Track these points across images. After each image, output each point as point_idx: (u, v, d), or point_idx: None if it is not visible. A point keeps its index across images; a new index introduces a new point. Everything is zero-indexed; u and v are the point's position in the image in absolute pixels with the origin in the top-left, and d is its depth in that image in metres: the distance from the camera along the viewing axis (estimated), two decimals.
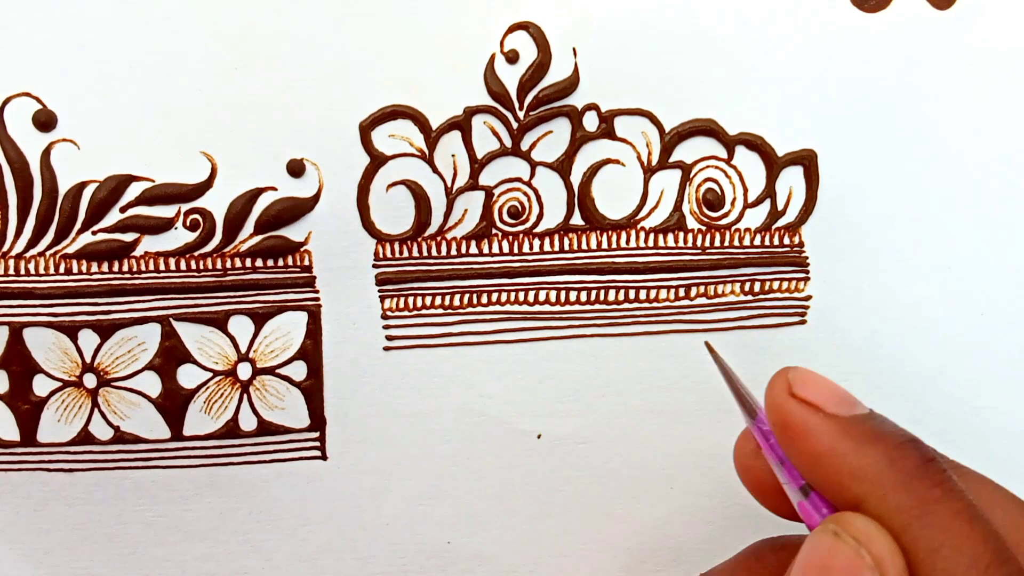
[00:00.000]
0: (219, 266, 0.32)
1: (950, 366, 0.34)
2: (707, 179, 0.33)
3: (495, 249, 0.33)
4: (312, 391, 0.33)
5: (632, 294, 0.33)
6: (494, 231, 0.32)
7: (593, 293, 0.33)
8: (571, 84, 0.32)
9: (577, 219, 0.33)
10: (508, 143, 0.32)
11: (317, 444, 0.33)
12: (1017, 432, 0.34)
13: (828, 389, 0.24)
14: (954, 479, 0.22)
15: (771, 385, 0.24)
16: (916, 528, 0.21)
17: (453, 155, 0.32)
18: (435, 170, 0.32)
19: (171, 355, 0.32)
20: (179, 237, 0.32)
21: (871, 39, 0.32)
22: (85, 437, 0.32)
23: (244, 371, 0.32)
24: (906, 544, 0.21)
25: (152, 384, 0.32)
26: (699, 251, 0.33)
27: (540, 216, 0.32)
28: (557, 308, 0.33)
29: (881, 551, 0.21)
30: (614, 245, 0.33)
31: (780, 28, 0.32)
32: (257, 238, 0.32)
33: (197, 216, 0.31)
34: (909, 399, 0.34)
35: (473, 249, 0.32)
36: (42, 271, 0.31)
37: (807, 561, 0.22)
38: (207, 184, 0.31)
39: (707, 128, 0.32)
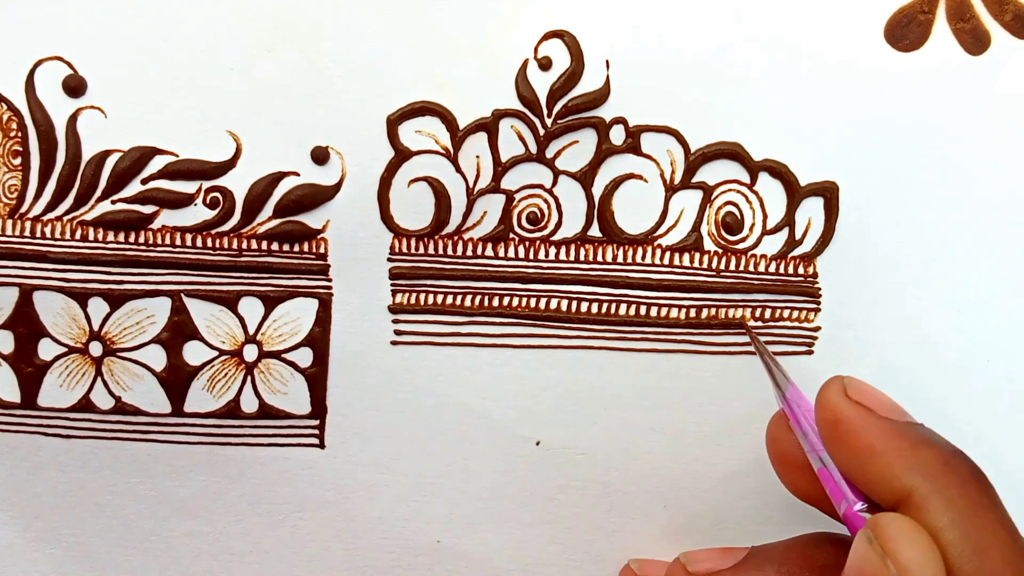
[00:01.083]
0: (235, 246, 0.32)
1: (953, 409, 0.34)
2: (728, 202, 0.33)
3: (511, 253, 0.33)
4: (316, 379, 0.33)
5: (643, 310, 0.33)
6: (511, 235, 0.32)
7: (605, 306, 0.33)
8: (601, 96, 0.32)
9: (595, 231, 0.33)
10: (533, 149, 0.32)
11: (316, 432, 0.33)
12: (1020, 479, 0.34)
13: (881, 396, 0.25)
14: (997, 495, 0.23)
15: (826, 385, 0.26)
16: (968, 527, 0.22)
17: (477, 156, 0.32)
18: (458, 169, 0.32)
19: (179, 330, 0.32)
20: (197, 214, 0.32)
21: (902, 78, 0.32)
22: (86, 405, 0.32)
23: (250, 353, 0.32)
24: (951, 540, 0.22)
25: (157, 358, 0.32)
26: (713, 273, 0.33)
27: (559, 224, 0.33)
28: (568, 317, 0.33)
29: (909, 558, 0.21)
30: (629, 260, 0.33)
31: (812, 59, 0.32)
32: (275, 222, 0.32)
33: (217, 195, 0.31)
34: None
35: (489, 251, 0.32)
36: (58, 235, 0.31)
37: (849, 566, 0.23)
38: (230, 163, 0.31)
39: (732, 152, 0.32)
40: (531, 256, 0.33)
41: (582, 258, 0.33)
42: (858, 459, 0.24)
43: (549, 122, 0.32)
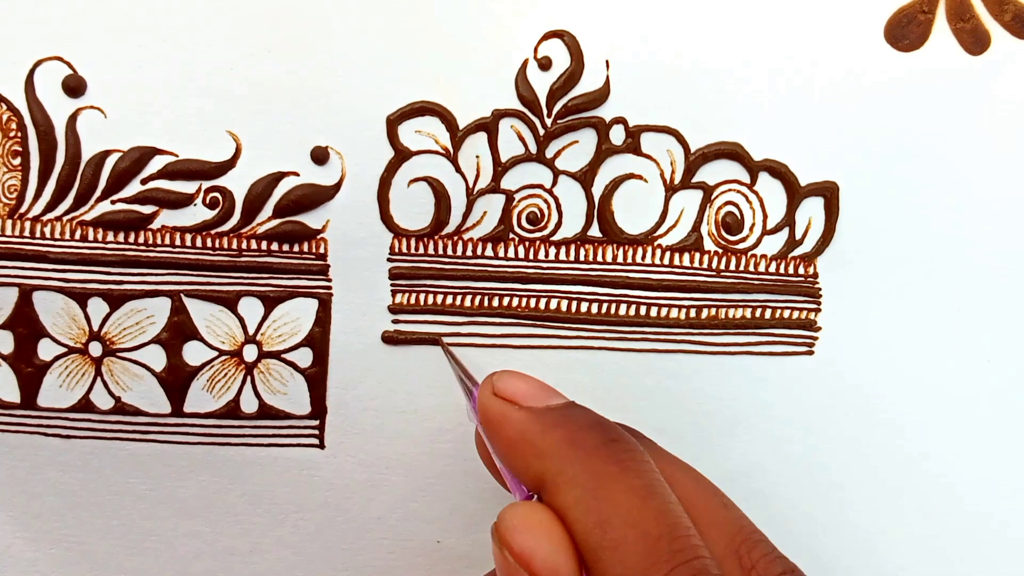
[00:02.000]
0: (234, 246, 0.32)
1: (951, 409, 0.34)
2: (728, 202, 0.33)
3: (511, 253, 0.33)
4: (316, 379, 0.33)
5: (643, 310, 0.33)
6: (511, 235, 0.32)
7: (604, 306, 0.33)
8: (601, 96, 0.32)
9: (595, 231, 0.33)
10: (533, 149, 0.32)
11: (316, 432, 0.33)
12: (1016, 483, 0.34)
13: (525, 386, 0.25)
14: (638, 459, 0.23)
15: (479, 388, 0.26)
16: (589, 501, 0.22)
17: (477, 156, 0.32)
18: (458, 169, 0.32)
19: (179, 331, 0.32)
20: (197, 214, 0.32)
21: (902, 78, 0.32)
22: (85, 405, 0.32)
23: (250, 353, 0.32)
24: (576, 517, 0.22)
25: (157, 358, 0.32)
26: (713, 273, 0.33)
27: (558, 224, 0.33)
28: (568, 317, 0.33)
29: (521, 546, 0.21)
30: (629, 260, 0.33)
31: (813, 59, 0.32)
32: (275, 222, 0.32)
33: (217, 195, 0.31)
34: (908, 439, 0.34)
35: (489, 251, 0.32)
36: (57, 235, 0.31)
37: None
38: (230, 164, 0.31)
39: (732, 152, 0.32)
40: (531, 256, 0.33)
41: (582, 258, 0.33)
42: (503, 454, 0.24)
43: (549, 122, 0.32)
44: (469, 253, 0.32)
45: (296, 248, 0.32)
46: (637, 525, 0.21)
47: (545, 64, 0.32)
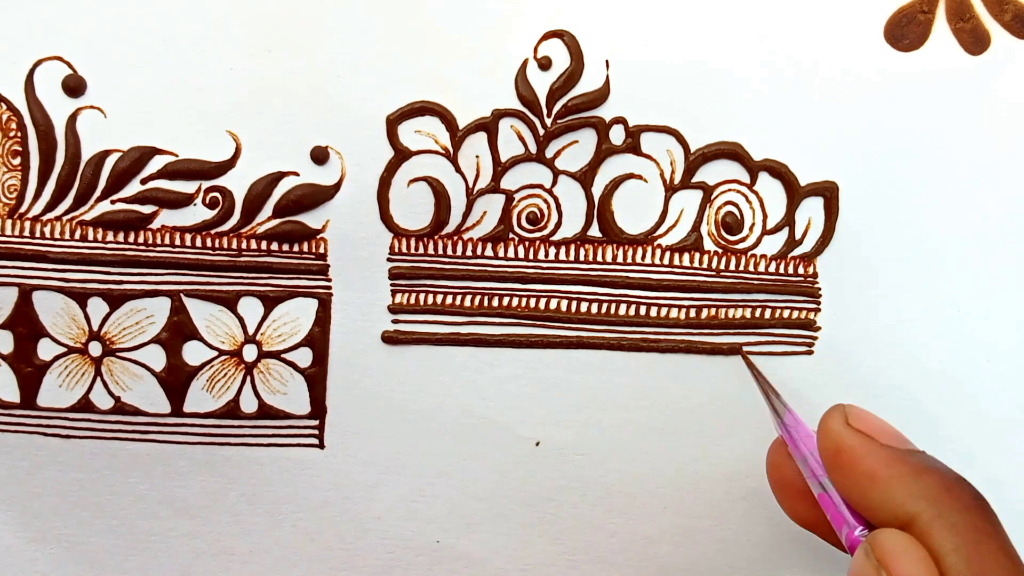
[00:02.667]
0: (234, 246, 0.32)
1: (952, 409, 0.34)
2: (728, 202, 0.33)
3: (510, 253, 0.33)
4: (315, 379, 0.33)
5: (643, 310, 0.33)
6: (511, 235, 0.32)
7: (604, 306, 0.33)
8: (601, 96, 0.32)
9: (595, 231, 0.33)
10: (533, 149, 0.32)
11: (316, 432, 0.33)
12: (1015, 481, 0.34)
13: (883, 425, 0.26)
14: (1000, 523, 0.24)
15: (828, 414, 0.26)
16: (971, 552, 0.22)
17: (477, 156, 0.32)
18: (458, 169, 0.32)
19: (178, 330, 0.32)
20: (197, 214, 0.32)
21: (902, 78, 0.32)
22: (85, 405, 0.32)
23: (250, 353, 0.32)
24: (953, 564, 0.22)
25: (157, 358, 0.32)
26: (713, 273, 0.33)
27: (558, 224, 0.33)
28: (568, 317, 0.33)
29: (905, 572, 0.22)
30: (629, 260, 0.33)
31: (812, 59, 0.32)
32: (275, 221, 0.32)
33: (217, 194, 0.31)
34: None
35: (489, 251, 0.32)
36: (57, 235, 0.31)
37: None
38: (230, 163, 0.31)
39: (732, 152, 0.32)
40: (531, 256, 0.33)
41: (582, 258, 0.33)
42: (860, 486, 0.25)
43: (549, 122, 0.32)
44: (469, 253, 0.32)
45: (296, 248, 0.32)
46: None
47: (545, 64, 0.32)
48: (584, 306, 0.33)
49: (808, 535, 0.29)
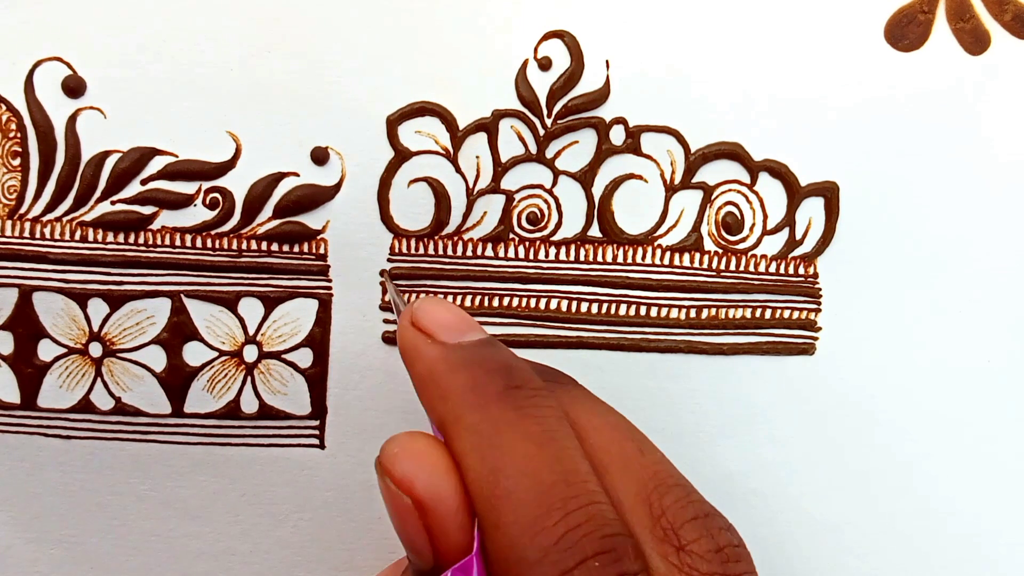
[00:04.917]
0: (234, 247, 0.32)
1: (952, 410, 0.34)
2: (728, 202, 0.33)
3: (511, 253, 0.33)
4: (316, 379, 0.33)
5: (643, 310, 0.33)
6: (511, 235, 0.32)
7: (605, 306, 0.33)
8: (601, 96, 0.32)
9: (595, 231, 0.33)
10: (533, 149, 0.32)
11: (316, 432, 0.33)
12: (1016, 483, 0.34)
13: (443, 318, 0.24)
14: (539, 404, 0.22)
15: (401, 315, 0.25)
16: (484, 449, 0.21)
17: (477, 156, 0.32)
18: (458, 170, 0.32)
19: (179, 331, 0.32)
20: (197, 214, 0.32)
21: (902, 78, 0.32)
22: (85, 405, 0.32)
23: (250, 353, 0.32)
24: (470, 464, 0.21)
25: (157, 358, 0.32)
26: (714, 273, 0.33)
27: (559, 225, 0.33)
28: (568, 317, 0.33)
29: (404, 470, 0.21)
30: (630, 260, 0.33)
31: (813, 59, 0.32)
32: (275, 222, 0.32)
33: (217, 195, 0.31)
34: (908, 438, 0.34)
35: (489, 252, 0.32)
36: (57, 236, 0.31)
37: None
38: (230, 164, 0.31)
39: (732, 152, 0.32)
40: (531, 256, 0.33)
41: (582, 258, 0.33)
42: (417, 388, 0.24)
43: (549, 122, 0.32)
44: (469, 253, 0.32)
45: (296, 248, 0.32)
46: (530, 473, 0.20)
47: (545, 64, 0.32)
48: (584, 306, 0.33)
49: (808, 535, 0.29)
